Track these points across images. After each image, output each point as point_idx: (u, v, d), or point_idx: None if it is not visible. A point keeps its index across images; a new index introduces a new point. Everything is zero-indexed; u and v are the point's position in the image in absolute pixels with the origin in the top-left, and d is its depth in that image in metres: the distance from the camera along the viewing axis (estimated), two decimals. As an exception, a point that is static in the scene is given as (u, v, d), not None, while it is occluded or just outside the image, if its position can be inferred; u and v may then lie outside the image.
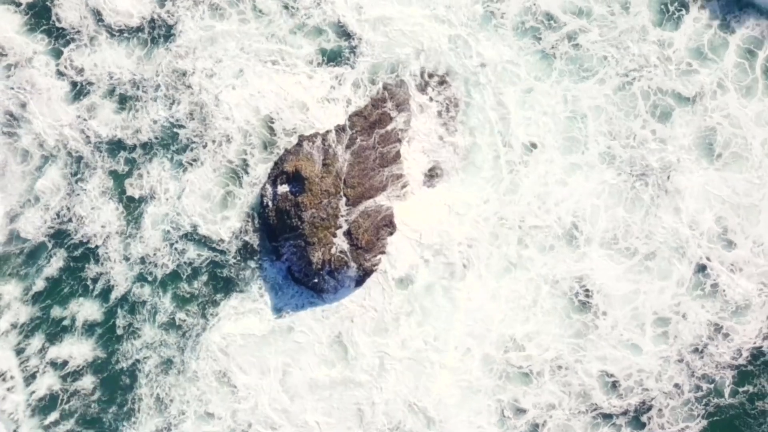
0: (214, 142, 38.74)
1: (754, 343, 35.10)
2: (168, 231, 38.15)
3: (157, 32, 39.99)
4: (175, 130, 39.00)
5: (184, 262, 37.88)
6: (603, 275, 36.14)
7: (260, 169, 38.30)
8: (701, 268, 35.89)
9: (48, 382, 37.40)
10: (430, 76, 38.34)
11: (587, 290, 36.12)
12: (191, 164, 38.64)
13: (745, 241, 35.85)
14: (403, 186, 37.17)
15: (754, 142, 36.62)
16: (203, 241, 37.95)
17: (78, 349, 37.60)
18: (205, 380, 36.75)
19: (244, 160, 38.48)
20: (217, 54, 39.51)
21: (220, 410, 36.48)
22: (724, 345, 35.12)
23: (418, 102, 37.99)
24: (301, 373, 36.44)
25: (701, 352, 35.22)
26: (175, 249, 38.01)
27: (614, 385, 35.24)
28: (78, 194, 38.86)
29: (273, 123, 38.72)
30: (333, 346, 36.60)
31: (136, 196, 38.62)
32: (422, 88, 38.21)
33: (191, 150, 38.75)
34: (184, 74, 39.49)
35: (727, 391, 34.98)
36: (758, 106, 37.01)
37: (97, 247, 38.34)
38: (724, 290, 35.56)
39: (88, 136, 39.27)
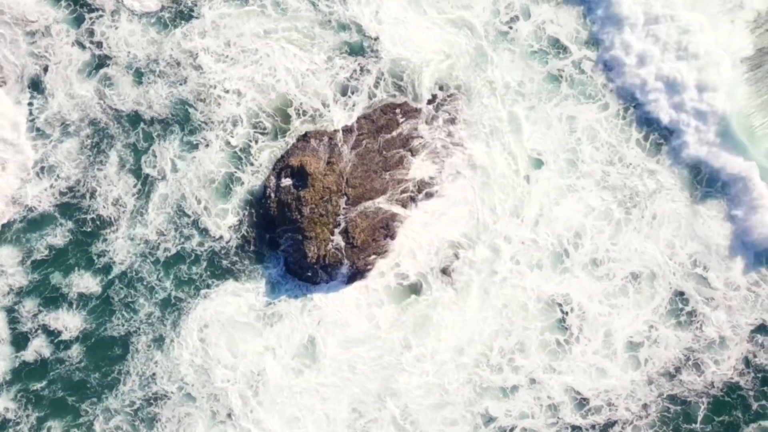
0: (221, 123, 39.05)
1: (731, 378, 36.16)
2: (172, 214, 38.70)
3: (175, 13, 40.20)
4: (186, 110, 39.35)
5: (185, 246, 38.52)
6: (581, 296, 37.04)
7: (265, 156, 38.74)
8: (677, 299, 36.74)
9: (38, 346, 38.07)
10: (440, 87, 38.87)
11: (565, 310, 37.03)
12: (200, 147, 39.08)
13: (718, 280, 36.69)
14: (404, 191, 37.93)
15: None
16: (204, 227, 38.53)
17: (72, 318, 38.29)
18: (187, 364, 37.60)
19: (250, 146, 38.90)
20: (231, 38, 39.71)
21: (200, 394, 37.36)
22: (694, 375, 36.19)
23: (426, 111, 38.62)
24: (278, 366, 37.28)
25: (673, 377, 36.27)
26: (179, 233, 38.62)
27: (582, 403, 36.35)
28: (99, 168, 39.18)
29: (287, 108, 39.03)
30: (315, 344, 37.42)
31: (148, 175, 39.02)
32: (431, 99, 38.76)
33: (200, 132, 39.17)
34: (196, 55, 39.68)
35: (699, 417, 36.12)
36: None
37: (106, 222, 38.86)
38: (699, 323, 36.48)
39: (104, 109, 39.60)
